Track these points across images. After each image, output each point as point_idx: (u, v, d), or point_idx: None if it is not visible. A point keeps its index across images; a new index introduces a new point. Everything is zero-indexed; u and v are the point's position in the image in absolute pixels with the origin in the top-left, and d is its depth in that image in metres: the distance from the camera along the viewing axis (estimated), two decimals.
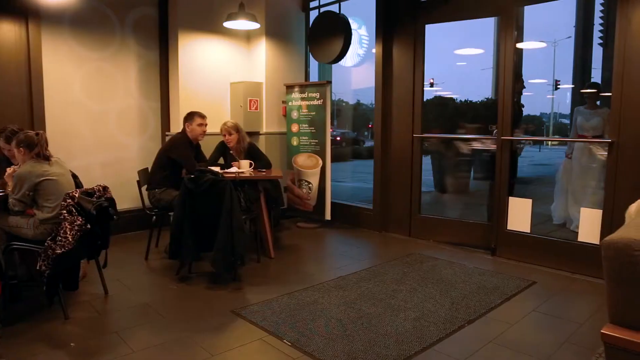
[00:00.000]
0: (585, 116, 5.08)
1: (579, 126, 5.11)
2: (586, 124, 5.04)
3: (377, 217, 5.32)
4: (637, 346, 1.29)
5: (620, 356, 1.32)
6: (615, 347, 1.33)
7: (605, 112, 4.83)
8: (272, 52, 5.72)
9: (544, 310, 3.21)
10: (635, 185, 3.54)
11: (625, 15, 3.62)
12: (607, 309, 1.38)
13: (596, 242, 3.77)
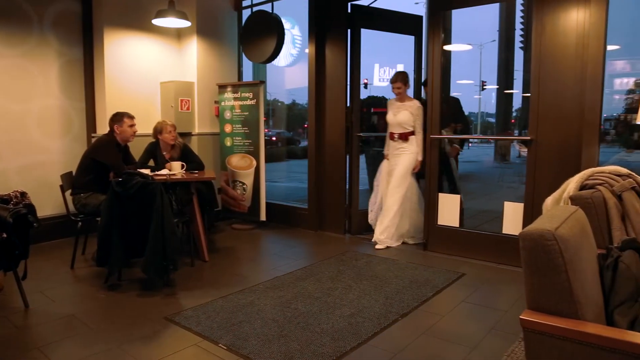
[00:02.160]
0: (393, 110, 4.81)
1: (388, 122, 4.85)
2: (393, 119, 4.77)
3: (312, 216, 5.35)
4: (551, 328, 1.37)
5: (537, 339, 1.40)
6: (533, 331, 1.40)
7: (414, 106, 4.69)
8: (203, 51, 5.60)
9: (473, 300, 3.35)
10: (552, 180, 3.78)
11: (540, 20, 3.86)
12: (525, 295, 1.46)
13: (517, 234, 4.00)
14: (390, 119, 4.79)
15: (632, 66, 12.93)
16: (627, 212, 2.22)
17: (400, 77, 4.73)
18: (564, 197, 2.32)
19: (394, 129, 4.77)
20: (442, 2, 4.42)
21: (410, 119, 4.67)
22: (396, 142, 4.75)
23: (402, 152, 4.74)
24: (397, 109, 4.73)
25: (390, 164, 4.83)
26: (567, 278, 1.36)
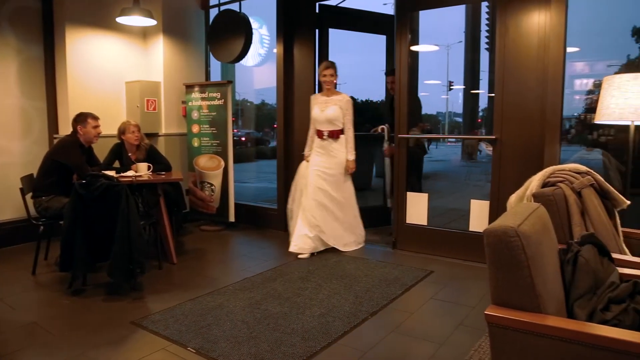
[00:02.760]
0: (319, 105, 4.45)
1: (314, 119, 4.48)
2: (321, 115, 4.42)
3: (281, 216, 5.32)
4: (514, 323, 1.41)
5: (501, 333, 1.44)
6: (497, 326, 1.44)
7: (343, 100, 4.39)
8: (170, 51, 5.51)
9: (441, 297, 3.41)
10: (516, 177, 3.87)
11: (503, 23, 3.95)
12: (490, 291, 1.49)
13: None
14: (317, 116, 4.41)
15: (591, 67, 13.39)
16: (587, 208, 2.29)
17: (333, 65, 4.40)
18: (527, 194, 2.38)
19: (322, 126, 4.40)
20: (409, 3, 4.47)
21: (340, 114, 4.34)
22: (326, 142, 4.41)
23: (334, 154, 4.41)
24: (324, 104, 4.38)
25: (318, 167, 4.41)
26: (529, 273, 1.40)
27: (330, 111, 4.34)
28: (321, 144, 4.43)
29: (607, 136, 6.69)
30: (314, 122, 4.46)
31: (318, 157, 4.43)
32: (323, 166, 4.39)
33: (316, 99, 4.47)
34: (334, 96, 4.40)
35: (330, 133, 4.39)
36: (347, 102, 4.38)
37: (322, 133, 4.40)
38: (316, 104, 4.44)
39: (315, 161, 4.43)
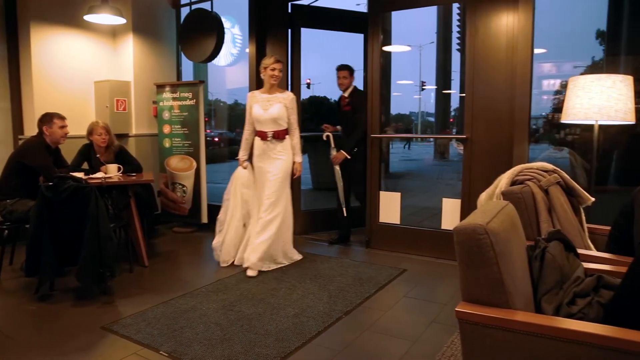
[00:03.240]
0: (261, 103, 4.02)
1: (255, 119, 4.03)
2: (264, 115, 3.99)
3: None
4: (484, 319, 1.43)
5: (472, 329, 1.46)
6: (468, 322, 1.46)
7: (288, 98, 4.03)
8: (140, 50, 5.42)
9: (414, 295, 3.44)
10: (486, 176, 3.94)
11: (473, 24, 4.01)
12: (460, 288, 1.51)
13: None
14: (259, 115, 3.98)
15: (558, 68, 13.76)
16: (553, 205, 2.35)
17: (280, 60, 4.05)
18: (497, 192, 2.42)
19: (265, 126, 3.99)
20: (381, 3, 4.50)
21: (284, 113, 3.97)
22: (269, 143, 4.00)
23: (278, 156, 4.01)
24: (266, 102, 3.98)
25: (258, 171, 4.08)
26: (498, 270, 1.43)
27: (275, 110, 3.94)
28: (263, 146, 4.01)
29: (573, 135, 6.88)
30: (255, 122, 4.03)
31: (260, 162, 4.05)
32: (267, 172, 4.01)
33: (255, 97, 4.04)
34: (278, 94, 4.01)
35: (276, 134, 3.98)
36: (293, 100, 4.02)
37: (265, 134, 3.97)
38: (256, 102, 4.00)
39: (258, 167, 4.09)
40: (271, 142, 4.00)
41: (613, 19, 6.90)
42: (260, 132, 4.02)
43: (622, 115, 2.92)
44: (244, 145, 4.13)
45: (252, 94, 4.08)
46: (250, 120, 4.08)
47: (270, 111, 3.95)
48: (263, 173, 4.04)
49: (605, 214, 2.75)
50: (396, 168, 12.53)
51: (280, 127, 3.99)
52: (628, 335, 1.31)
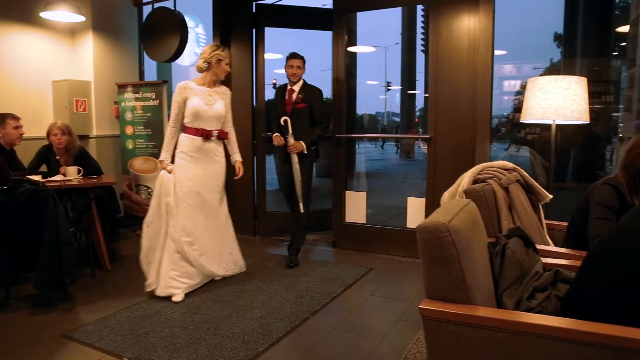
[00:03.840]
0: (203, 97, 3.51)
1: (197, 113, 3.48)
2: (209, 111, 3.52)
3: None
4: (447, 315, 1.46)
5: (435, 326, 1.49)
6: (431, 319, 1.48)
7: (227, 93, 3.69)
8: (100, 49, 5.28)
9: (380, 294, 3.48)
10: (449, 175, 4.01)
11: (436, 26, 4.09)
12: (424, 286, 1.53)
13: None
14: (203, 110, 3.48)
15: (518, 69, 14.18)
16: (513, 203, 2.41)
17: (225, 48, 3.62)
18: (459, 191, 2.47)
19: (209, 124, 3.52)
20: (346, 4, 4.53)
21: (224, 110, 3.64)
22: (212, 144, 3.57)
23: (219, 158, 3.64)
24: (208, 96, 3.54)
25: (198, 179, 3.50)
26: (460, 267, 1.45)
27: (220, 106, 3.57)
28: (203, 146, 3.51)
29: (533, 134, 7.09)
30: (192, 118, 3.48)
31: (195, 164, 3.50)
32: (205, 177, 3.54)
33: (192, 89, 3.50)
34: (217, 88, 3.62)
35: (220, 133, 3.61)
36: (230, 97, 3.71)
37: (209, 133, 3.52)
38: (194, 95, 3.49)
39: (192, 171, 3.49)
40: (214, 143, 3.58)
41: (569, 22, 7.15)
42: (200, 130, 3.50)
43: (578, 115, 3.02)
44: (168, 145, 3.56)
45: (185, 86, 3.49)
46: (179, 116, 3.51)
47: (216, 107, 3.54)
48: (201, 177, 3.51)
49: (564, 210, 2.85)
50: (362, 168, 12.63)
51: (220, 125, 3.61)
52: (582, 326, 1.36)
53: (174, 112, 3.51)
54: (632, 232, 1.55)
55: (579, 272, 1.63)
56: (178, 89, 3.51)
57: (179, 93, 3.49)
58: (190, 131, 3.51)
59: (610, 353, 1.29)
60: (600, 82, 6.32)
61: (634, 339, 1.27)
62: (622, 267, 1.48)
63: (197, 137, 3.50)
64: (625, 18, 6.13)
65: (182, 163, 3.49)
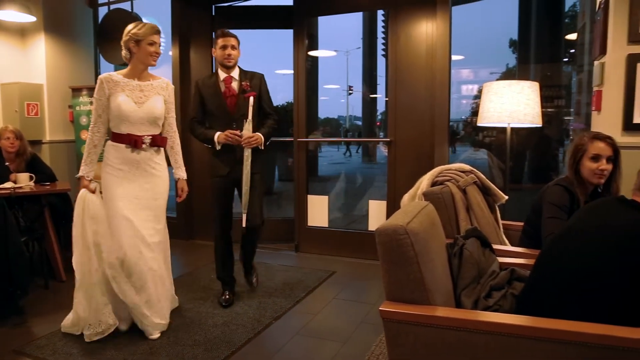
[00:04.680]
0: (130, 93, 2.73)
1: (121, 115, 2.71)
2: (138, 111, 2.73)
3: (182, 225, 5.14)
4: (406, 316, 1.48)
5: (395, 327, 1.50)
6: (391, 320, 1.50)
7: (168, 88, 2.90)
8: (53, 51, 5.10)
9: (343, 297, 3.49)
10: (409, 177, 4.07)
11: (395, 31, 4.15)
12: (384, 288, 1.55)
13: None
14: (130, 111, 2.71)
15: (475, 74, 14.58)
16: (471, 204, 2.47)
17: (160, 31, 2.82)
18: (418, 193, 2.51)
19: (138, 128, 2.75)
20: (307, 8, 4.53)
21: (163, 109, 2.86)
22: (144, 153, 2.78)
23: (158, 172, 2.85)
24: (139, 91, 2.76)
25: (131, 198, 2.75)
26: (418, 268, 1.47)
27: (155, 104, 2.79)
28: (132, 157, 2.75)
29: (490, 137, 7.30)
30: (117, 120, 2.74)
31: (126, 181, 2.75)
32: (141, 196, 2.78)
33: (116, 83, 2.73)
34: (153, 80, 2.84)
35: (155, 140, 2.82)
36: (172, 91, 2.94)
37: (139, 140, 2.73)
38: (120, 91, 2.71)
39: (122, 189, 2.74)
40: (146, 152, 2.79)
41: (523, 30, 7.41)
42: (128, 137, 2.73)
43: (531, 119, 3.13)
44: (90, 157, 2.79)
45: (108, 78, 2.73)
46: (103, 118, 2.77)
47: (150, 106, 2.76)
48: (132, 196, 2.74)
49: (520, 210, 2.93)
50: (325, 171, 12.67)
51: (158, 129, 2.88)
52: (537, 323, 1.40)
53: (95, 113, 2.78)
54: (580, 232, 1.62)
55: (533, 270, 1.68)
56: (99, 83, 2.74)
57: (100, 88, 2.74)
58: (115, 138, 2.78)
59: (563, 348, 1.34)
60: (552, 86, 6.57)
61: (585, 333, 1.31)
62: (572, 265, 1.54)
63: (122, 145, 2.75)
64: (574, 26, 6.41)
65: (109, 179, 2.75)
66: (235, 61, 3.23)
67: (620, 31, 2.61)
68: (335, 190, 9.16)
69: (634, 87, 2.58)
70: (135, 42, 2.74)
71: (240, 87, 3.23)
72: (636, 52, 2.57)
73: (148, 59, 2.76)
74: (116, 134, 2.78)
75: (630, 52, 2.58)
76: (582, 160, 2.24)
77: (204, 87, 3.26)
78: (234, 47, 3.20)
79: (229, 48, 3.18)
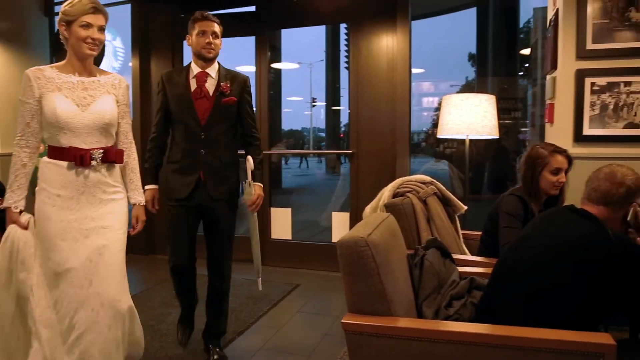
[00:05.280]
0: (69, 92, 2.03)
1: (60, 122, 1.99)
2: (80, 116, 2.01)
3: (141, 239, 5.01)
4: (368, 328, 1.48)
5: (357, 339, 1.51)
6: (353, 332, 1.50)
7: (121, 86, 2.17)
8: (6, 60, 4.92)
9: (307, 310, 3.47)
10: (372, 189, 4.11)
11: (356, 45, 4.21)
12: (346, 300, 1.55)
13: None
14: (70, 115, 2.01)
15: (436, 87, 14.95)
16: (431, 215, 2.52)
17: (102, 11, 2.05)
18: (380, 205, 2.54)
19: (82, 139, 2.04)
20: (269, 21, 4.54)
21: (116, 113, 2.14)
22: (92, 173, 2.06)
23: (111, 196, 2.12)
24: (81, 89, 2.06)
25: (61, 228, 2.00)
26: (379, 280, 1.48)
27: (105, 106, 2.08)
28: (78, 179, 2.04)
29: (451, 148, 7.46)
30: (54, 129, 2.03)
31: (68, 212, 2.02)
32: (90, 231, 2.03)
33: (49, 80, 2.02)
34: (100, 76, 2.13)
35: (108, 154, 2.09)
36: (127, 90, 2.23)
37: (86, 155, 2.02)
38: (56, 90, 2.02)
39: (64, 223, 2.01)
40: (97, 171, 2.06)
41: (481, 44, 7.64)
42: (70, 151, 2.02)
43: (488, 131, 3.22)
44: (18, 180, 2.08)
45: (37, 74, 2.01)
46: (34, 128, 2.07)
47: (96, 109, 2.05)
48: (76, 232, 2.01)
49: (481, 219, 3.00)
50: (288, 183, 12.65)
51: (111, 140, 2.15)
52: (495, 331, 1.43)
53: (22, 121, 2.04)
54: (535, 242, 1.67)
55: (490, 279, 1.72)
56: (24, 80, 2.01)
57: (27, 87, 2.01)
58: (52, 153, 2.05)
59: (522, 354, 1.37)
60: (509, 99, 6.79)
61: (542, 339, 1.35)
62: (528, 275, 1.58)
63: (63, 163, 2.02)
64: (529, 42, 6.66)
65: (44, 211, 2.01)
66: (216, 53, 2.52)
67: (569, 48, 2.73)
68: (299, 202, 9.16)
69: (583, 101, 2.70)
70: (66, 24, 2.01)
71: (217, 89, 2.49)
72: (584, 67, 2.69)
73: (81, 47, 2.00)
74: (54, 148, 2.04)
75: (578, 67, 2.70)
76: (543, 172, 2.31)
77: (169, 83, 2.54)
78: (216, 35, 2.51)
79: (209, 35, 2.47)
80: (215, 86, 2.50)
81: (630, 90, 2.63)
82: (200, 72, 2.51)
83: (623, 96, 2.64)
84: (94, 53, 2.06)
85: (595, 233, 1.52)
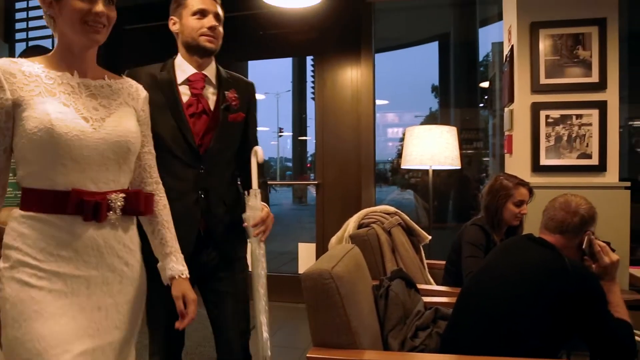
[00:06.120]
0: (73, 99, 1.23)
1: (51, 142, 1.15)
2: (89, 146, 1.18)
3: None
4: None
5: None
6: None
7: (138, 92, 1.40)
8: None
9: (274, 343, 3.35)
10: (338, 219, 4.12)
11: (322, 76, 4.28)
12: (311, 333, 1.53)
13: None
14: (74, 134, 1.16)
15: (400, 118, 15.28)
16: (396, 245, 2.53)
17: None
18: (345, 236, 2.54)
19: (94, 176, 1.21)
20: (236, 51, 4.57)
21: (140, 135, 1.34)
22: (105, 230, 1.22)
23: (128, 260, 1.29)
24: (89, 98, 1.24)
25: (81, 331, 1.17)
26: (344, 312, 1.48)
27: (124, 123, 1.28)
28: (80, 240, 1.19)
29: (416, 178, 7.58)
30: (49, 153, 1.16)
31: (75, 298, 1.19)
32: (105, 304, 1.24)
33: (29, 77, 1.21)
34: (110, 79, 1.34)
35: (130, 200, 1.28)
36: (146, 101, 1.43)
37: (103, 203, 1.21)
38: (39, 95, 1.19)
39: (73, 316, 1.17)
40: (113, 229, 1.26)
41: (443, 76, 7.89)
42: (70, 197, 1.18)
43: (450, 161, 3.30)
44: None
45: (9, 68, 1.19)
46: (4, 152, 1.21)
47: (114, 128, 1.25)
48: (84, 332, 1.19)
49: (446, 248, 3.04)
50: None
51: (129, 177, 1.33)
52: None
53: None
54: (497, 271, 1.70)
55: (454, 309, 1.74)
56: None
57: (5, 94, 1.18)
58: (35, 202, 1.19)
59: None
60: (471, 129, 6.99)
61: None
62: (491, 303, 1.60)
63: (58, 218, 1.19)
64: (488, 74, 6.93)
65: (25, 293, 1.15)
66: (218, 45, 1.74)
67: (524, 82, 2.85)
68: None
69: (539, 132, 2.81)
70: (48, 3, 1.23)
71: (220, 99, 1.71)
72: (539, 100, 2.81)
73: (80, 28, 1.21)
74: (38, 193, 1.19)
75: (533, 100, 2.82)
76: (507, 204, 2.36)
77: (146, 85, 1.49)
78: (219, 19, 1.72)
79: (212, 17, 1.67)
80: (217, 96, 1.72)
81: (582, 123, 2.75)
82: (195, 74, 1.69)
83: (575, 128, 2.76)
84: (99, 37, 1.24)
85: (553, 261, 1.56)
